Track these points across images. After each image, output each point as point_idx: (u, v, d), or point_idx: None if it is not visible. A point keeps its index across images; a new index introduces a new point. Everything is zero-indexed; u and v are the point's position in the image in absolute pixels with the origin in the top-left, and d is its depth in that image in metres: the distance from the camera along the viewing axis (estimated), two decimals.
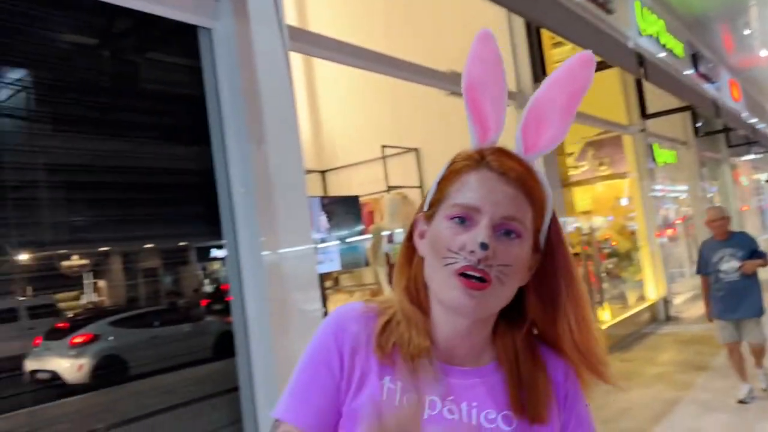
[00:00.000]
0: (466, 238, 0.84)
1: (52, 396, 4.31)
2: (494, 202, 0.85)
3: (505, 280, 0.84)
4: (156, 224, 3.67)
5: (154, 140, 3.43)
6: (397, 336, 0.90)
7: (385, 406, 0.87)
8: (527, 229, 0.87)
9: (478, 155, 0.89)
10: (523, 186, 0.87)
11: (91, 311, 6.10)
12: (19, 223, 2.86)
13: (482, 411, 0.88)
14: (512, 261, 0.84)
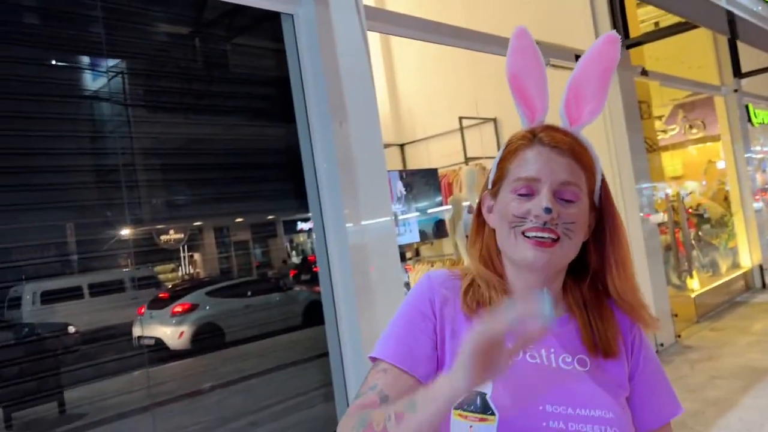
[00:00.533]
0: (530, 206, 0.96)
1: (157, 360, 4.66)
2: (551, 171, 0.96)
3: (571, 236, 0.96)
4: (246, 200, 3.87)
5: (244, 122, 3.62)
6: (479, 296, 1.02)
7: None
8: (582, 191, 0.98)
9: (531, 134, 1.01)
10: (573, 154, 0.98)
11: (189, 282, 6.51)
12: (122, 202, 3.12)
13: (559, 356, 0.99)
14: (574, 219, 0.97)
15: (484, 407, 0.92)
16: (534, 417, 0.92)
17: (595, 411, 0.93)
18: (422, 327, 1.01)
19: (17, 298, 3.58)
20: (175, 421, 3.44)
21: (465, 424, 0.92)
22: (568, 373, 0.97)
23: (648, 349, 1.06)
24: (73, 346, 3.51)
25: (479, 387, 0.87)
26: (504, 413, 0.91)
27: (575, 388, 0.96)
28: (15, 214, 2.83)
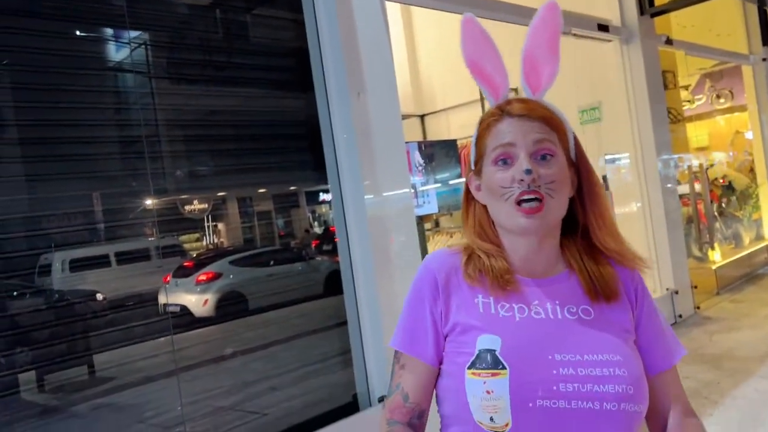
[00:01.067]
0: (512, 172, 1.02)
1: (182, 326, 4.78)
2: (523, 134, 1.03)
3: (554, 194, 1.02)
4: (268, 171, 3.93)
5: (264, 93, 3.66)
6: (480, 265, 1.08)
7: (486, 315, 1.04)
8: (558, 146, 1.05)
9: (499, 110, 1.08)
10: (541, 118, 1.05)
11: (213, 251, 6.63)
12: (147, 173, 3.19)
13: (564, 307, 1.05)
14: (555, 176, 1.03)
15: (495, 363, 0.97)
16: (544, 366, 0.97)
17: (603, 355, 0.98)
18: (423, 318, 1.09)
19: (47, 265, 3.70)
20: (200, 384, 3.55)
21: (479, 381, 0.97)
22: (573, 322, 1.03)
23: (650, 297, 1.13)
24: (102, 312, 3.62)
25: (488, 345, 0.99)
26: (514, 366, 0.96)
27: (582, 335, 1.01)
28: (44, 184, 2.92)
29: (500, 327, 1.02)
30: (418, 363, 1.08)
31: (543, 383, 0.95)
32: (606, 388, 0.95)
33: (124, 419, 3.27)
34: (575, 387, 0.95)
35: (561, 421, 0.94)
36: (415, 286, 1.13)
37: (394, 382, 1.10)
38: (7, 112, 2.84)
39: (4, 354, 2.69)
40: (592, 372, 0.96)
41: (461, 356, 1.02)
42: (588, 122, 5.92)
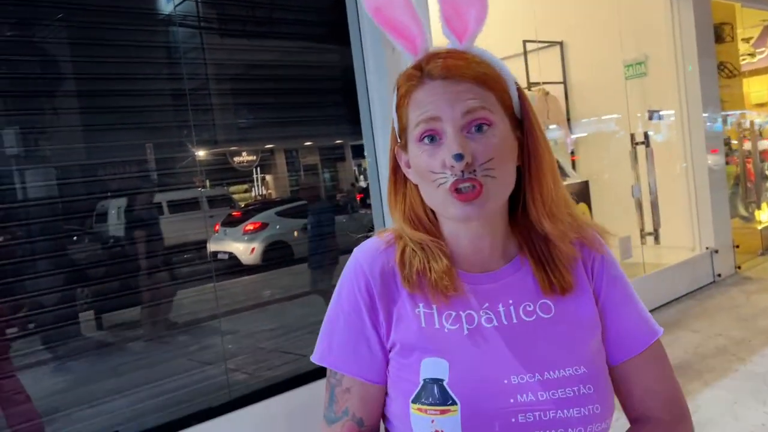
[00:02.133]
0: (442, 155, 0.82)
1: (229, 272, 5.01)
2: (449, 103, 0.82)
3: (494, 174, 0.82)
4: (313, 125, 4.04)
5: (303, 47, 3.75)
6: (417, 262, 0.89)
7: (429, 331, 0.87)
8: (496, 111, 0.84)
9: (417, 70, 0.86)
10: (470, 77, 0.83)
11: (260, 202, 6.86)
12: (197, 124, 3.35)
13: (519, 306, 0.88)
14: (493, 153, 0.82)
15: (444, 398, 0.82)
16: (500, 395, 0.82)
17: (566, 370, 0.84)
18: (360, 329, 0.90)
19: (104, 213, 3.93)
20: (244, 327, 3.76)
21: (426, 418, 0.82)
22: (530, 326, 0.87)
23: (613, 272, 0.95)
24: (154, 258, 3.85)
25: (433, 372, 0.83)
26: (466, 399, 0.82)
27: (540, 346, 0.86)
28: (99, 135, 3.10)
29: (446, 346, 0.85)
30: (364, 384, 0.89)
31: (500, 416, 0.81)
32: (571, 412, 0.82)
33: (173, 357, 3.53)
34: (536, 416, 0.81)
35: None
36: (346, 289, 0.92)
37: (338, 406, 0.91)
38: (65, 66, 3.02)
39: (64, 291, 2.94)
40: (555, 395, 0.82)
41: (404, 383, 0.86)
42: (633, 77, 5.81)
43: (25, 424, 2.70)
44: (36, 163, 2.91)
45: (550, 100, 6.09)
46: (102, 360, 3.25)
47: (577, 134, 6.38)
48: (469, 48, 0.87)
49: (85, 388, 3.05)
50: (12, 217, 2.85)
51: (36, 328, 2.95)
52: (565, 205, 0.92)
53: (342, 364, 0.90)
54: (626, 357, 0.92)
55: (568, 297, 0.89)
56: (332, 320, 0.93)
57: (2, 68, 2.78)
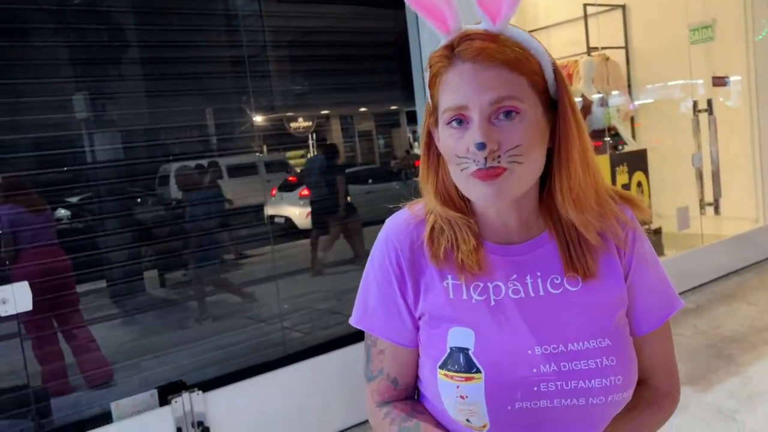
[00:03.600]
0: (467, 140, 0.82)
1: (286, 235, 5.16)
2: (478, 92, 0.80)
3: (520, 160, 0.81)
4: (369, 90, 4.08)
5: (362, 13, 3.77)
6: (445, 241, 0.90)
7: (456, 302, 0.89)
8: (526, 98, 0.82)
9: (448, 50, 0.83)
10: (502, 62, 0.80)
11: None
12: (255, 90, 3.43)
13: (547, 278, 0.89)
14: (520, 140, 0.81)
15: (469, 365, 0.85)
16: (523, 365, 0.85)
17: (590, 342, 0.86)
18: (392, 297, 0.93)
19: (166, 176, 4.09)
20: (300, 288, 3.89)
21: (452, 384, 0.86)
22: (557, 298, 0.88)
23: (643, 248, 0.95)
24: (215, 220, 4.00)
25: (460, 341, 0.87)
26: (490, 368, 0.85)
27: (566, 317, 0.87)
28: (161, 100, 3.23)
29: (473, 316, 0.88)
30: (397, 348, 0.94)
31: (522, 386, 0.85)
32: (593, 383, 0.84)
33: (231, 314, 3.69)
34: (558, 385, 0.84)
35: (542, 419, 0.86)
36: (378, 259, 0.95)
37: (374, 365, 0.96)
38: (129, 34, 3.14)
39: (130, 248, 3.10)
40: (577, 366, 0.85)
41: (432, 350, 0.90)
42: (698, 41, 5.59)
43: (95, 370, 2.90)
44: (103, 128, 3.05)
45: (610, 65, 5.93)
46: (165, 316, 3.43)
47: (638, 101, 6.22)
48: (503, 29, 0.82)
49: (147, 340, 3.24)
50: (82, 179, 3.02)
51: (104, 284, 3.13)
52: (594, 194, 0.89)
53: (376, 327, 0.95)
54: (646, 331, 0.94)
55: (597, 277, 0.90)
56: (366, 287, 0.97)
57: (72, 37, 2.92)
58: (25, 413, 2.52)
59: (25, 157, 2.71)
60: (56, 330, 2.89)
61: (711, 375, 3.32)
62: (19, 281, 2.32)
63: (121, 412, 2.48)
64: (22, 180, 2.75)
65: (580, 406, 0.85)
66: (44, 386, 2.69)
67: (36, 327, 2.77)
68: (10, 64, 2.64)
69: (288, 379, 2.89)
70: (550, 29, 6.71)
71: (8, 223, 2.73)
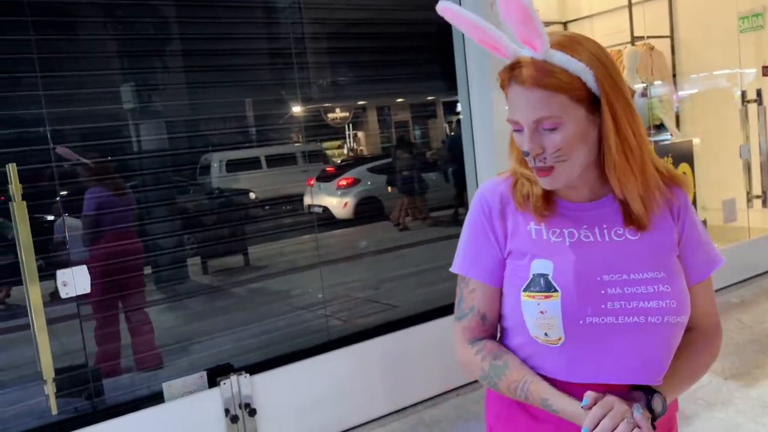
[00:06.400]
0: (522, 144, 1.05)
1: (324, 225, 5.21)
2: (525, 112, 1.01)
3: (565, 158, 1.03)
4: (405, 81, 4.09)
5: (398, 3, 3.78)
6: (522, 190, 1.13)
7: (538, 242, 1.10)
8: (567, 112, 1.00)
9: (510, 70, 1.03)
10: (543, 86, 0.99)
11: (353, 158, 7.03)
12: (294, 82, 3.47)
13: (612, 230, 1.09)
14: (560, 145, 1.02)
15: (548, 286, 1.05)
16: (593, 287, 1.04)
17: (648, 273, 1.05)
18: (485, 242, 1.15)
19: (207, 164, 4.18)
20: (338, 277, 3.93)
21: (533, 302, 1.06)
22: (620, 243, 1.08)
23: (691, 212, 1.14)
24: (253, 209, 4.07)
25: (541, 269, 1.07)
26: (565, 288, 1.04)
27: (629, 255, 1.07)
28: (203, 92, 3.29)
29: (552, 252, 1.08)
30: (486, 287, 1.15)
31: (592, 303, 1.04)
32: (650, 304, 1.03)
33: (274, 301, 3.76)
34: (622, 304, 1.03)
35: (609, 334, 1.04)
36: (474, 213, 1.17)
37: (466, 304, 1.17)
38: (172, 27, 3.21)
39: (173, 236, 3.19)
40: (638, 290, 1.04)
41: (517, 279, 1.10)
42: (748, 30, 5.45)
43: (147, 353, 3.00)
44: (152, 118, 3.13)
45: (654, 55, 5.83)
46: (209, 303, 3.52)
47: (683, 91, 6.09)
48: (546, 56, 1.00)
49: (195, 325, 3.33)
50: (134, 167, 3.11)
51: (151, 270, 3.22)
52: (640, 174, 1.07)
53: (471, 270, 1.17)
54: (695, 282, 1.14)
55: (652, 230, 1.10)
56: (464, 239, 1.19)
57: (120, 29, 3.00)
58: (81, 392, 2.62)
59: (81, 145, 2.80)
60: (119, 311, 3.00)
61: (756, 370, 3.27)
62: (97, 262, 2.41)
63: (173, 393, 2.56)
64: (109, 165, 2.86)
65: (640, 324, 1.03)
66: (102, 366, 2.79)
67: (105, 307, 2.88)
68: (59, 57, 2.73)
69: (332, 364, 2.94)
70: (593, 18, 6.61)
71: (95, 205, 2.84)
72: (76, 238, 2.80)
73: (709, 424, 2.77)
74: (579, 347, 1.06)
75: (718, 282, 4.35)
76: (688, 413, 2.88)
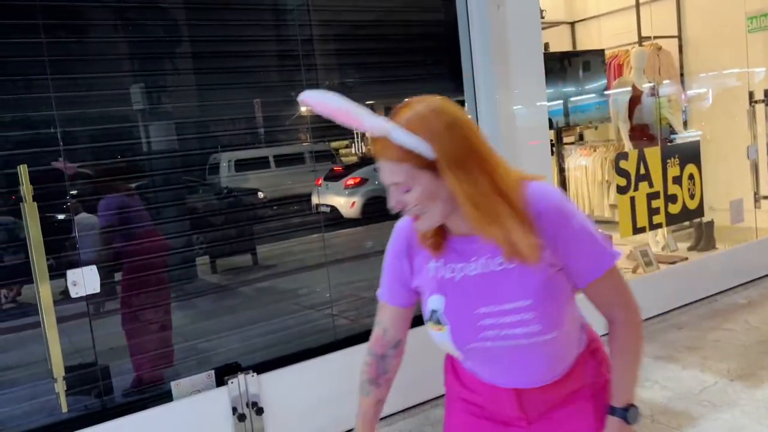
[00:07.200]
0: None
1: (332, 224, 5.23)
2: (384, 178, 1.19)
3: (425, 208, 1.19)
4: (412, 82, 4.10)
5: (405, 4, 3.79)
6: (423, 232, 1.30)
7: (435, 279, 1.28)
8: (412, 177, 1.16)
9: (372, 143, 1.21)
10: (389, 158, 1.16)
11: (360, 158, 7.05)
12: (302, 83, 3.49)
13: (494, 258, 1.23)
14: (415, 203, 1.18)
15: (438, 321, 1.27)
16: (472, 320, 1.24)
17: (516, 302, 1.21)
18: (392, 275, 1.37)
19: (216, 164, 4.20)
20: (345, 276, 3.95)
21: (433, 332, 1.29)
22: (498, 273, 1.23)
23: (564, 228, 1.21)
24: (262, 208, 4.09)
25: (435, 305, 1.27)
26: (452, 322, 1.26)
27: (502, 285, 1.22)
28: (212, 93, 3.32)
29: (444, 288, 1.27)
30: (389, 307, 1.39)
31: (472, 334, 1.25)
32: (517, 330, 1.21)
33: (281, 300, 3.78)
34: (496, 333, 1.23)
35: (491, 356, 1.26)
36: (387, 250, 1.38)
37: (377, 318, 1.41)
38: (181, 29, 3.24)
39: (183, 236, 3.21)
40: (506, 320, 1.22)
41: (425, 312, 1.31)
42: (756, 30, 5.43)
43: (163, 349, 3.02)
44: (161, 119, 3.16)
45: (662, 55, 5.82)
46: (217, 302, 3.54)
47: (691, 90, 6.08)
48: (389, 135, 1.14)
49: (203, 324, 3.35)
50: (143, 168, 3.14)
51: (161, 270, 3.25)
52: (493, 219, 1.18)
53: (381, 294, 1.41)
54: (587, 282, 1.25)
55: None
56: (384, 267, 1.40)
57: (129, 31, 3.03)
58: (90, 389, 2.65)
59: (90, 147, 2.83)
60: (134, 309, 3.03)
61: (762, 371, 3.27)
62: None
63: (181, 392, 2.59)
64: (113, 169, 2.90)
65: (512, 346, 1.23)
66: (125, 362, 2.82)
67: (127, 304, 2.93)
68: (69, 59, 2.76)
69: (340, 362, 2.96)
70: (600, 18, 6.61)
71: (117, 207, 2.89)
72: (86, 238, 2.84)
73: (714, 425, 2.77)
74: (475, 362, 1.32)
75: (724, 284, 4.36)
76: (694, 414, 2.89)
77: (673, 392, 3.16)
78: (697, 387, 3.18)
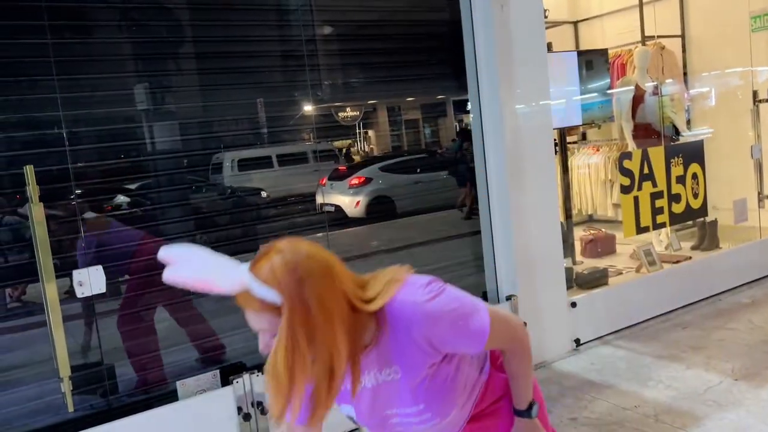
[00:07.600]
0: None
1: (336, 224, 5.25)
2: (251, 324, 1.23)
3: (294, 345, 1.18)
4: (415, 81, 4.11)
5: (409, 5, 3.80)
6: None
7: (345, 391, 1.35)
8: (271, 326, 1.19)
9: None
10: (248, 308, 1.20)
11: (364, 157, 7.06)
12: (305, 83, 3.50)
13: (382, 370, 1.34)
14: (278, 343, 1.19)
15: (356, 423, 1.46)
16: (382, 420, 1.41)
17: (411, 407, 1.37)
18: None
19: (219, 164, 4.22)
20: None
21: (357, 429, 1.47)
22: (391, 383, 1.36)
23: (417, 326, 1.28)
24: (266, 207, 4.10)
25: (348, 412, 1.42)
26: (366, 424, 1.44)
27: (396, 394, 1.37)
28: (216, 93, 3.33)
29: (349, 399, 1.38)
30: None
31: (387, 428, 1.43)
32: (420, 427, 1.41)
33: None
34: (404, 428, 1.42)
35: None
36: None
37: None
38: (186, 30, 3.25)
39: (186, 236, 3.22)
40: (409, 420, 1.40)
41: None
42: (760, 29, 5.42)
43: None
44: (165, 119, 3.17)
45: (665, 54, 5.82)
46: (220, 302, 3.55)
47: (694, 90, 6.07)
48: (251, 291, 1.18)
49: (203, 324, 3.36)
50: (147, 168, 3.15)
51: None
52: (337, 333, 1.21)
53: None
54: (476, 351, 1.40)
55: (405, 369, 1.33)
56: None
57: (134, 32, 3.04)
58: (96, 389, 2.67)
59: (95, 148, 2.84)
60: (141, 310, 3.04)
61: (767, 371, 3.27)
62: None
63: (186, 391, 2.61)
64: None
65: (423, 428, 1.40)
66: (127, 363, 2.82)
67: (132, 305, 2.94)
68: (75, 60, 2.77)
69: None
70: (603, 18, 6.60)
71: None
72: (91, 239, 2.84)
73: (719, 425, 2.77)
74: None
75: (728, 283, 4.33)
76: (699, 414, 2.89)
77: (677, 392, 3.16)
78: (701, 387, 3.18)
